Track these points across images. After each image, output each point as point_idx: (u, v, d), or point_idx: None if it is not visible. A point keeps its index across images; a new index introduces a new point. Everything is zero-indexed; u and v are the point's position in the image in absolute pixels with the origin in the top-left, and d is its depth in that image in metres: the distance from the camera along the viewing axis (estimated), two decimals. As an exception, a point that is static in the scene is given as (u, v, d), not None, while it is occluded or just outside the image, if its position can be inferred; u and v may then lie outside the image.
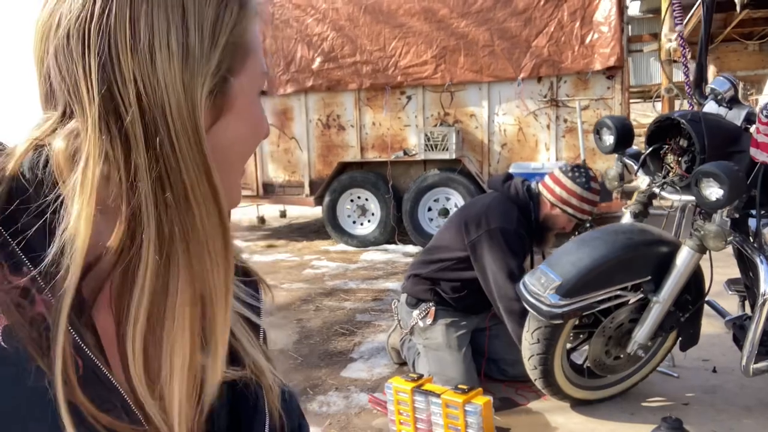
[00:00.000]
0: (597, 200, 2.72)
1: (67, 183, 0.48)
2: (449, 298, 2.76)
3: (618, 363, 2.49)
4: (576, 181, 2.66)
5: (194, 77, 0.49)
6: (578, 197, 2.65)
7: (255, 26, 0.56)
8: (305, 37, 6.50)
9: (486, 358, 2.81)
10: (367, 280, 4.97)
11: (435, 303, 2.77)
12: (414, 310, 2.83)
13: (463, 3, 5.94)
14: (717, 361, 2.90)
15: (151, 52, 0.48)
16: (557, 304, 2.19)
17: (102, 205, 0.48)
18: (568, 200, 2.66)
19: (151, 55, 0.48)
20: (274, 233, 7.69)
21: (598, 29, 5.56)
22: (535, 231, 2.72)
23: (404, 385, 2.37)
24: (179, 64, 0.48)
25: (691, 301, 2.40)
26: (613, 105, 5.65)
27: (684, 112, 2.26)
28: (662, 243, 2.33)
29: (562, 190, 2.67)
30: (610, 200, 5.61)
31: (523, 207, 2.71)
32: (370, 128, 6.47)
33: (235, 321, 0.66)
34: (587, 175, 2.70)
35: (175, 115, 0.48)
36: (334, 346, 3.46)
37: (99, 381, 0.49)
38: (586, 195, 2.66)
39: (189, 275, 0.50)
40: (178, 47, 0.48)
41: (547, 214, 2.71)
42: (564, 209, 2.67)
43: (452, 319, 2.76)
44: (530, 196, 2.75)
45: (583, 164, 2.79)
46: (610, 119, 2.49)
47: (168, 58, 0.48)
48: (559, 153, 5.85)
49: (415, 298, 2.85)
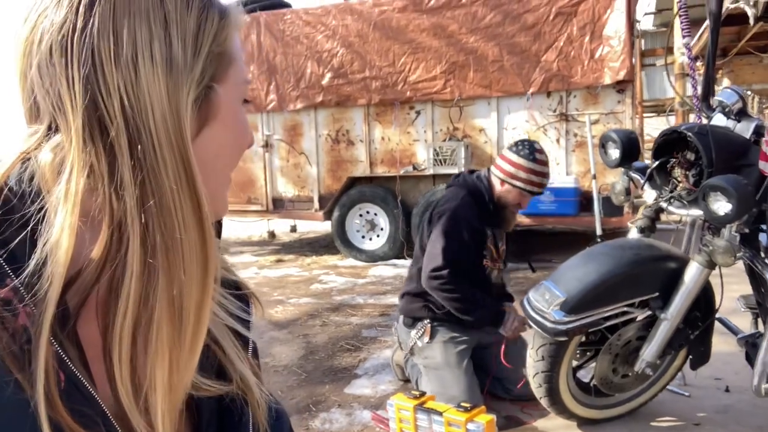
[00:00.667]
0: (545, 171, 2.75)
1: (51, 194, 0.48)
2: (442, 312, 2.72)
3: (626, 381, 2.43)
4: (520, 154, 2.72)
5: (178, 87, 0.50)
6: (525, 169, 2.69)
7: (236, 35, 0.57)
8: (315, 53, 6.54)
9: (491, 376, 2.76)
10: (375, 295, 4.94)
11: (430, 320, 2.74)
12: (411, 330, 2.80)
13: (472, 19, 5.94)
14: (730, 380, 2.82)
15: (135, 63, 0.48)
16: (562, 321, 2.14)
17: (86, 216, 0.48)
18: (515, 174, 2.70)
19: (134, 67, 0.48)
20: (283, 248, 7.69)
21: (607, 43, 5.53)
22: (493, 212, 2.76)
23: (406, 402, 2.33)
24: (163, 75, 0.49)
25: (700, 317, 2.34)
26: (624, 119, 5.60)
27: (691, 125, 2.22)
28: (670, 258, 2.28)
29: (509, 165, 2.73)
30: (620, 215, 5.55)
31: (475, 191, 2.76)
32: (379, 143, 6.47)
33: (224, 335, 0.65)
34: (531, 147, 2.75)
35: (159, 125, 0.48)
36: (339, 362, 3.42)
37: (81, 395, 0.49)
38: (531, 166, 2.69)
39: (167, 284, 0.50)
40: (162, 58, 0.49)
41: (500, 192, 2.75)
42: (513, 183, 2.71)
43: (450, 336, 2.72)
44: (481, 180, 2.80)
45: (531, 140, 2.88)
46: (615, 133, 2.45)
47: (152, 69, 0.48)
48: (569, 167, 5.80)
49: (410, 318, 2.83)
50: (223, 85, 0.55)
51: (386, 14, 6.24)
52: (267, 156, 6.95)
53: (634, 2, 5.69)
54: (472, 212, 2.69)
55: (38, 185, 0.49)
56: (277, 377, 3.21)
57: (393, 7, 6.21)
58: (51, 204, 0.48)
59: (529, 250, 6.59)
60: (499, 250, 2.84)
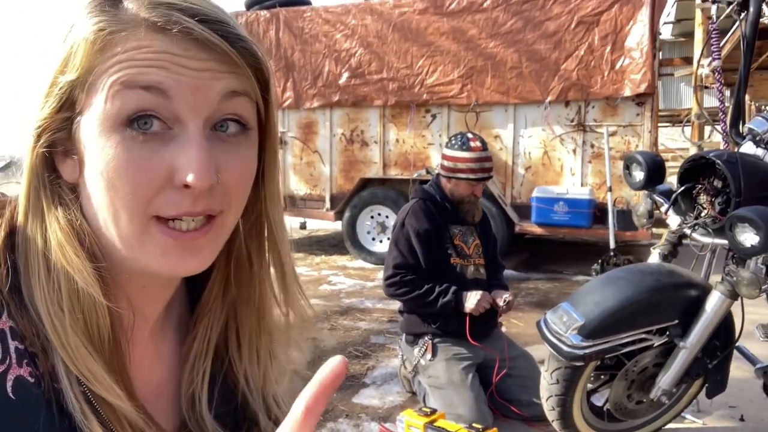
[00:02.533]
0: (482, 156, 2.80)
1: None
2: (438, 327, 2.73)
3: (640, 408, 2.39)
4: (454, 147, 2.82)
5: (36, 114, 0.51)
6: (461, 160, 2.78)
7: (119, 45, 0.48)
8: (333, 52, 6.51)
9: (491, 391, 2.72)
10: (383, 300, 4.91)
11: (431, 336, 2.75)
12: (414, 348, 2.80)
13: (492, 24, 5.89)
14: (745, 409, 2.78)
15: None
16: (579, 345, 2.11)
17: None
18: (454, 167, 2.79)
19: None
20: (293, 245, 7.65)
21: (629, 55, 5.47)
22: (452, 209, 2.83)
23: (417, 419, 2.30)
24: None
25: (719, 347, 2.29)
26: (642, 132, 5.54)
27: (720, 152, 2.17)
28: (691, 286, 2.24)
29: (447, 161, 2.83)
30: (635, 230, 5.49)
31: (427, 196, 2.85)
32: (394, 145, 6.44)
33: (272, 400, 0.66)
34: (464, 137, 2.84)
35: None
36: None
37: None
38: (465, 155, 2.77)
39: None
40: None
41: (450, 189, 2.83)
42: (456, 176, 2.79)
43: (453, 353, 2.71)
44: (432, 184, 2.91)
45: (464, 132, 3.12)
46: (640, 155, 2.41)
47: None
48: (585, 178, 5.75)
49: (411, 335, 2.83)
50: (89, 111, 0.49)
51: (406, 15, 6.20)
52: (280, 153, 6.92)
53: (658, 14, 5.62)
54: (421, 217, 2.76)
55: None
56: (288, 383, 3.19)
57: (413, 8, 6.17)
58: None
59: (541, 260, 6.56)
60: (470, 246, 2.84)
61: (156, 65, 0.48)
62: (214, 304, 0.62)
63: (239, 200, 0.54)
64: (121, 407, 0.51)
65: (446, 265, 2.75)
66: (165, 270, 0.52)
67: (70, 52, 0.50)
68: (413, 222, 2.76)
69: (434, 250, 2.75)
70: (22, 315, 0.49)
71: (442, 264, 2.75)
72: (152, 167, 0.48)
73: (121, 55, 0.48)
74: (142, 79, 0.47)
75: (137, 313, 0.56)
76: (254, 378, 0.64)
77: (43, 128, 0.51)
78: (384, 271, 2.81)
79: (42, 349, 0.49)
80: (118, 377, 0.52)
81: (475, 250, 2.85)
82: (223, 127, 0.52)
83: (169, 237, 0.50)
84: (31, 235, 0.51)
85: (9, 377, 0.46)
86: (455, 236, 2.82)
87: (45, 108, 0.51)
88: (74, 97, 0.50)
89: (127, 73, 0.48)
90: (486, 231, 2.98)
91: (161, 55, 0.48)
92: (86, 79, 0.49)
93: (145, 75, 0.47)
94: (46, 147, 0.52)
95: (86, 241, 0.51)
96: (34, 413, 0.46)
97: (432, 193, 2.87)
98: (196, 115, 0.49)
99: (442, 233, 2.78)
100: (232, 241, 0.59)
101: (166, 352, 0.62)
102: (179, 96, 0.48)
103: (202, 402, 0.60)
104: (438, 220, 2.79)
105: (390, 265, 2.76)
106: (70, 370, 0.49)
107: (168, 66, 0.48)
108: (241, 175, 0.53)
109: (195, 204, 0.50)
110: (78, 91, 0.50)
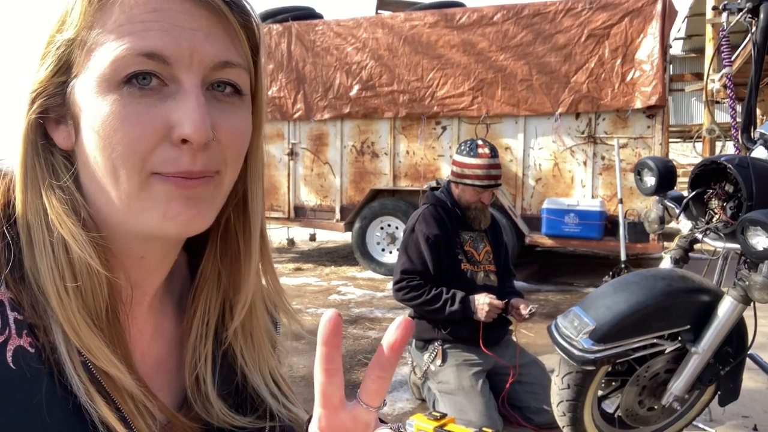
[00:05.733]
0: (490, 163, 2.80)
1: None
2: (449, 332, 2.72)
3: (651, 414, 2.37)
4: (462, 153, 2.83)
5: (30, 79, 0.51)
6: (469, 166, 2.79)
7: (116, 6, 0.48)
8: (344, 65, 6.57)
9: (503, 397, 2.71)
10: (394, 310, 4.90)
11: (441, 341, 2.74)
12: (424, 354, 2.79)
13: (502, 37, 5.94)
14: (758, 418, 2.75)
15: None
16: (590, 350, 2.10)
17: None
18: (462, 173, 2.81)
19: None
20: (302, 256, 7.70)
21: (639, 67, 5.49)
22: (461, 215, 2.85)
23: (426, 423, 2.28)
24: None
25: (732, 353, 2.27)
26: (653, 144, 5.54)
27: (731, 157, 2.17)
28: (703, 291, 2.23)
29: (456, 167, 2.85)
30: (646, 242, 5.47)
31: (438, 202, 2.86)
32: (404, 157, 6.47)
33: (269, 375, 0.65)
34: (472, 143, 2.85)
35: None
36: (356, 377, 3.40)
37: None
38: (472, 161, 2.79)
39: None
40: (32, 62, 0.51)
41: (458, 194, 2.85)
42: (464, 182, 2.80)
43: (463, 358, 2.70)
44: (442, 191, 2.93)
45: (474, 138, 3.02)
46: (651, 160, 2.41)
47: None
48: (596, 191, 5.74)
49: (421, 341, 2.82)
50: (85, 72, 0.49)
51: (417, 29, 6.26)
52: (291, 164, 6.98)
53: (668, 27, 5.64)
54: (431, 223, 2.77)
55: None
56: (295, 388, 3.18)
57: (424, 22, 6.23)
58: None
59: (552, 272, 6.54)
60: (480, 252, 2.84)
61: (156, 27, 0.48)
62: (210, 281, 0.62)
63: (235, 161, 0.54)
64: (122, 379, 0.51)
65: (456, 270, 2.75)
66: (165, 223, 0.51)
67: (67, 10, 0.49)
68: (423, 227, 2.77)
69: (444, 255, 2.75)
70: (22, 287, 0.49)
71: (452, 269, 2.75)
72: (149, 120, 0.48)
73: (120, 15, 0.48)
74: (144, 46, 0.47)
75: (135, 287, 0.56)
76: (250, 355, 0.64)
77: (38, 92, 0.51)
78: (393, 276, 2.82)
79: (41, 320, 0.49)
80: (118, 350, 0.52)
81: (485, 257, 2.86)
82: (220, 87, 0.52)
83: (172, 185, 0.50)
84: (30, 206, 0.51)
85: (9, 347, 0.46)
86: (465, 242, 2.82)
87: (41, 70, 0.51)
88: (72, 58, 0.50)
89: (128, 38, 0.47)
90: (497, 238, 2.98)
91: (159, 14, 0.48)
92: (84, 38, 0.49)
93: (147, 40, 0.47)
94: (39, 113, 0.51)
95: (81, 211, 0.51)
96: (35, 383, 0.46)
97: (442, 199, 2.88)
98: (194, 75, 0.49)
99: (452, 239, 2.78)
100: (221, 215, 0.58)
101: (165, 330, 0.62)
102: (178, 60, 0.49)
103: (207, 384, 0.60)
104: (448, 226, 2.79)
105: (398, 270, 2.77)
106: (71, 342, 0.49)
107: (168, 28, 0.48)
108: (236, 135, 0.53)
109: (194, 162, 0.49)
110: (76, 52, 0.49)
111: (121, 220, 0.52)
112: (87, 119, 0.49)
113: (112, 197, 0.50)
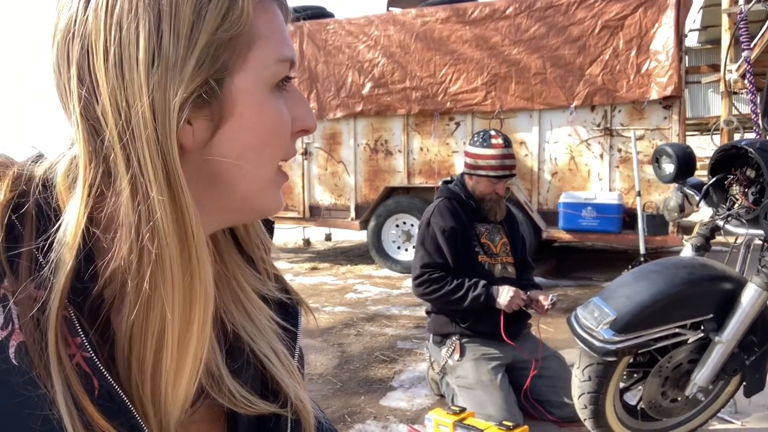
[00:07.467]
0: (504, 153, 2.78)
1: (64, 208, 0.48)
2: (468, 326, 2.70)
3: (675, 406, 2.33)
4: (476, 144, 2.81)
5: (164, 87, 0.45)
6: (482, 157, 2.77)
7: (262, 13, 0.50)
8: (356, 63, 6.57)
9: (525, 391, 2.68)
10: (410, 307, 4.89)
11: (459, 336, 2.72)
12: (442, 349, 2.77)
13: (515, 30, 5.89)
14: (784, 410, 2.69)
15: (121, 63, 0.44)
16: (611, 340, 2.06)
17: (105, 222, 0.48)
18: (476, 164, 2.79)
19: (120, 67, 0.44)
20: (318, 256, 7.70)
21: (655, 58, 5.42)
22: (476, 207, 2.83)
23: (446, 418, 2.28)
24: (145, 75, 0.44)
25: (757, 343, 2.22)
26: (670, 135, 5.46)
27: (752, 141, 2.13)
28: (726, 279, 2.18)
29: (469, 158, 2.82)
30: (665, 234, 5.40)
31: (452, 195, 2.84)
32: (418, 154, 6.44)
33: (278, 350, 0.63)
34: (486, 134, 2.83)
35: (142, 130, 0.44)
36: (374, 373, 3.38)
37: (114, 402, 0.47)
38: (486, 152, 2.76)
39: (147, 307, 0.48)
40: (146, 56, 0.44)
41: (472, 186, 2.83)
42: (478, 173, 2.78)
43: (481, 353, 2.67)
44: (456, 183, 2.91)
45: (487, 129, 3.03)
46: (670, 147, 2.37)
47: (136, 69, 0.44)
48: (613, 183, 5.68)
49: (439, 335, 2.80)
50: (241, 73, 0.49)
51: (429, 25, 6.23)
52: (305, 164, 6.99)
53: (683, 17, 5.56)
54: (446, 216, 2.75)
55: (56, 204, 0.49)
56: (312, 385, 3.18)
57: (436, 17, 6.20)
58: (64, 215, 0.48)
59: (570, 267, 6.48)
60: (497, 244, 2.82)
61: (287, 36, 0.54)
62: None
63: None
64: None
65: (474, 263, 2.73)
66: (277, 207, 0.57)
67: (230, 7, 0.48)
68: (439, 220, 2.75)
69: (461, 248, 2.73)
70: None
71: (470, 262, 2.73)
72: (288, 120, 0.54)
73: (267, 24, 0.51)
74: (291, 54, 0.53)
75: None
76: (252, 329, 0.62)
77: (191, 93, 0.46)
78: (412, 272, 2.80)
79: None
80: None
81: (502, 248, 2.83)
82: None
83: (285, 178, 0.57)
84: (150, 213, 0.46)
85: (12, 343, 0.45)
86: (482, 234, 2.80)
87: (196, 75, 0.46)
88: (228, 57, 0.48)
89: (281, 45, 0.52)
90: (513, 229, 2.95)
91: (284, 25, 0.54)
92: (246, 38, 0.49)
93: (290, 50, 0.54)
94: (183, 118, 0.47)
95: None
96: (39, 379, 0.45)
97: (457, 191, 2.85)
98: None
99: (468, 231, 2.76)
100: None
101: None
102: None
103: (220, 368, 0.59)
104: (464, 218, 2.77)
105: (417, 265, 2.75)
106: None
107: (289, 38, 0.54)
108: None
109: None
110: (235, 50, 0.48)
111: (239, 207, 0.54)
112: (242, 119, 0.50)
113: (248, 188, 0.53)
